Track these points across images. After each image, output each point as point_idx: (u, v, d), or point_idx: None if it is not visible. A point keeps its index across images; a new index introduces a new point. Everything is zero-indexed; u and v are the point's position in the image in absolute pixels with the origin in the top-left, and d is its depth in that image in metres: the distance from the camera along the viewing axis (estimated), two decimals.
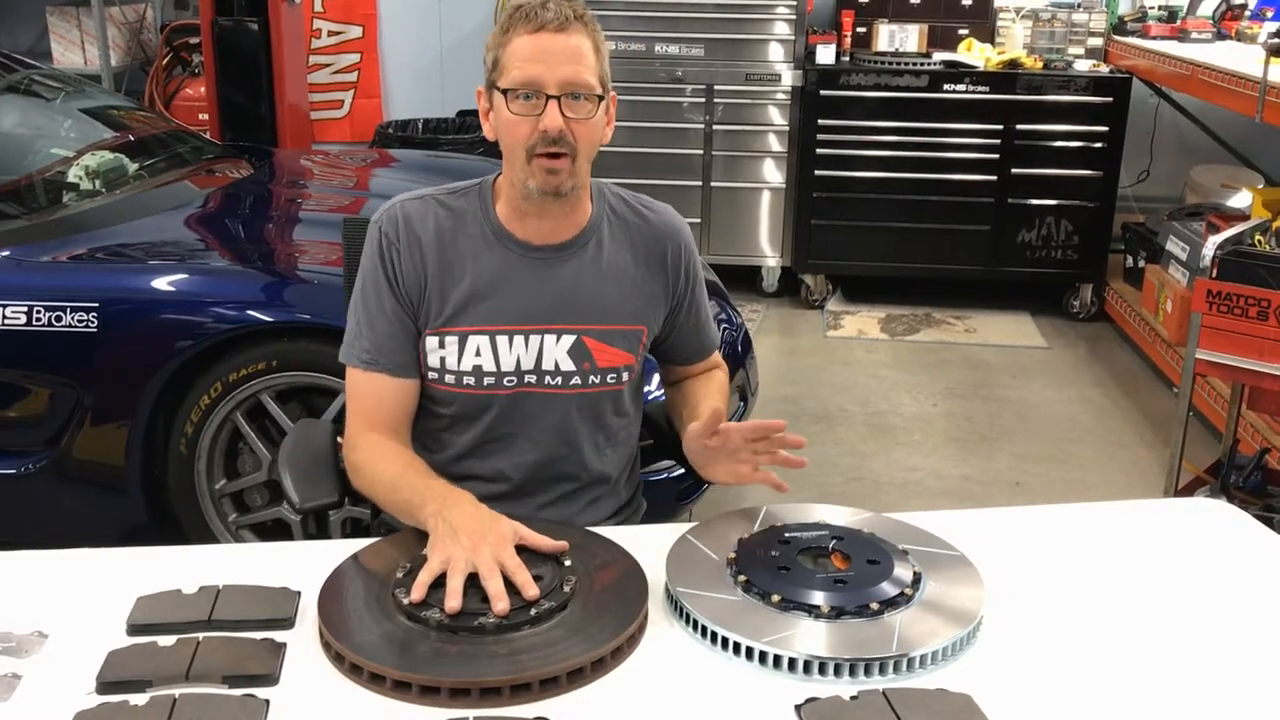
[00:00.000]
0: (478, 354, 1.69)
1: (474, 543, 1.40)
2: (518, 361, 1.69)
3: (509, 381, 1.70)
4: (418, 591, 1.35)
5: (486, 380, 1.70)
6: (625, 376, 1.76)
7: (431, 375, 1.72)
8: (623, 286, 1.74)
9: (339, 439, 1.81)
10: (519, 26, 1.60)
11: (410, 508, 1.55)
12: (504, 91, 1.60)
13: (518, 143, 1.61)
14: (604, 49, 1.65)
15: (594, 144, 1.65)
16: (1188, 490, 3.06)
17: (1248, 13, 5.02)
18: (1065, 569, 1.54)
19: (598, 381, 1.73)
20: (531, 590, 1.35)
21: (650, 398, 1.98)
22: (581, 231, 1.72)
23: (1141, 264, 4.77)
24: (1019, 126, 4.93)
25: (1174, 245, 4.32)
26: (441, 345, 1.69)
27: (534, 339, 1.69)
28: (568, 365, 1.71)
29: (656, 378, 1.98)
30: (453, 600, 1.33)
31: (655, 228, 1.78)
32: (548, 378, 1.71)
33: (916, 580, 1.41)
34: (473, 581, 1.37)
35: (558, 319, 1.70)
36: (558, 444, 1.75)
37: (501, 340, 1.69)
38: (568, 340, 1.70)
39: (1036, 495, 3.55)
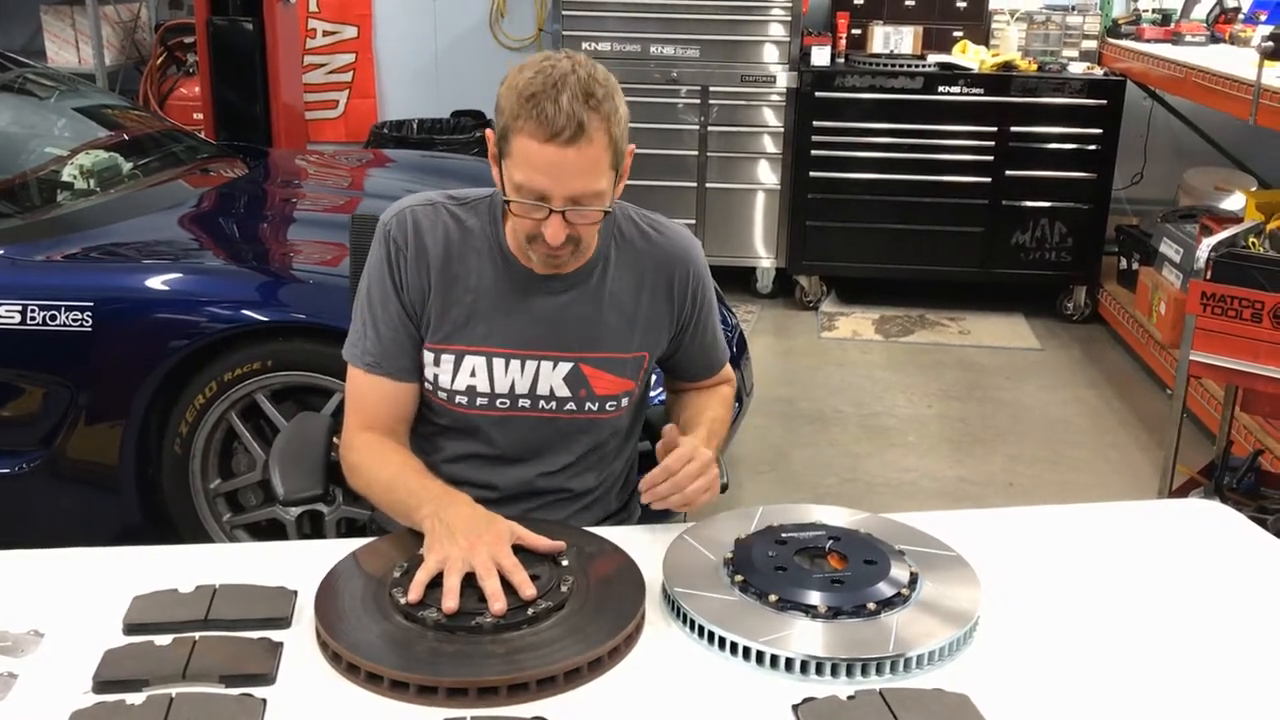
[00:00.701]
0: (472, 374, 1.68)
1: (470, 542, 1.40)
2: (512, 385, 1.69)
3: (502, 404, 1.70)
4: (415, 591, 1.34)
5: (479, 401, 1.69)
6: (624, 402, 1.75)
7: (426, 386, 1.72)
8: (625, 314, 1.72)
9: (335, 438, 1.81)
10: (530, 125, 1.49)
11: (406, 509, 1.55)
12: (508, 186, 1.55)
13: (519, 229, 1.60)
14: (618, 126, 1.54)
15: (598, 228, 1.63)
16: (1181, 492, 3.06)
17: (1241, 16, 5.04)
18: (1062, 570, 1.55)
19: (595, 409, 1.72)
20: (528, 590, 1.35)
21: (653, 402, 1.98)
22: (587, 261, 1.70)
23: (1135, 266, 4.78)
24: (1013, 129, 4.94)
25: (1168, 247, 4.33)
26: (436, 363, 1.69)
27: (530, 364, 1.68)
28: (563, 392, 1.70)
29: (653, 379, 1.97)
30: (450, 600, 1.32)
31: (663, 251, 1.75)
32: (542, 403, 1.70)
33: (913, 581, 1.41)
34: (470, 581, 1.37)
35: (555, 346, 1.68)
36: (548, 464, 1.74)
37: (498, 363, 1.68)
38: (564, 368, 1.69)
39: (1030, 496, 3.55)
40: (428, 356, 1.69)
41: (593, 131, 1.50)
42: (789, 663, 1.28)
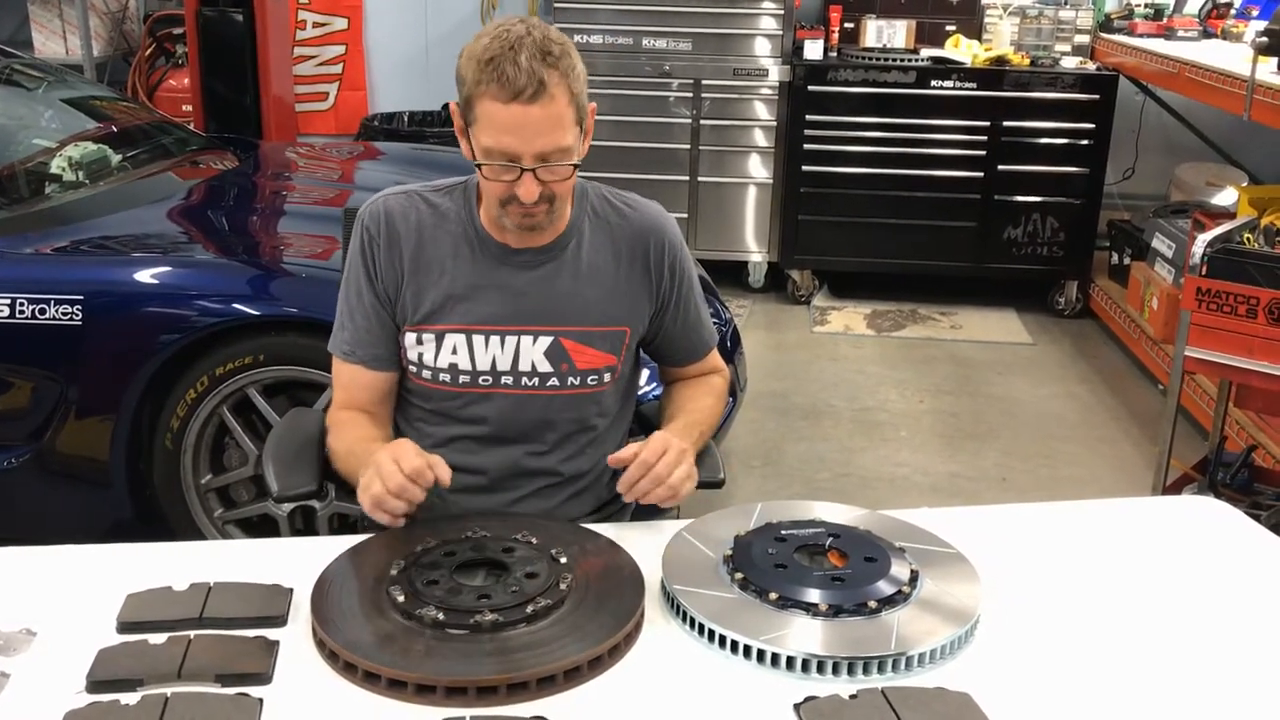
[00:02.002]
0: (454, 352, 1.69)
1: (374, 465, 1.49)
2: (493, 361, 1.70)
3: (485, 380, 1.70)
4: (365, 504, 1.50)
5: (462, 378, 1.70)
6: (607, 378, 1.75)
7: (411, 369, 1.74)
8: (602, 287, 1.73)
9: None
10: (492, 88, 1.52)
11: (355, 475, 1.60)
12: (477, 151, 1.58)
13: (490, 193, 1.62)
14: (578, 82, 1.57)
15: (572, 186, 1.65)
16: (1175, 487, 3.06)
17: (1233, 11, 5.04)
18: (1062, 566, 1.54)
19: (577, 383, 1.72)
20: (445, 474, 1.50)
21: (648, 397, 1.97)
22: (561, 234, 1.72)
23: (1127, 261, 4.78)
24: (1005, 123, 4.93)
25: (1160, 243, 4.33)
26: (419, 342, 1.71)
27: (510, 340, 1.69)
28: (545, 366, 1.70)
29: (646, 373, 1.97)
30: (383, 518, 1.50)
31: (635, 226, 1.76)
32: (524, 379, 1.71)
33: (914, 578, 1.41)
34: (469, 578, 1.37)
35: (534, 320, 1.69)
36: (534, 443, 1.74)
37: (478, 340, 1.69)
38: (545, 341, 1.70)
39: (1023, 492, 3.55)
40: (409, 339, 1.71)
41: (553, 88, 1.53)
42: (790, 661, 1.28)
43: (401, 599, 1.33)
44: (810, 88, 4.97)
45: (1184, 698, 1.27)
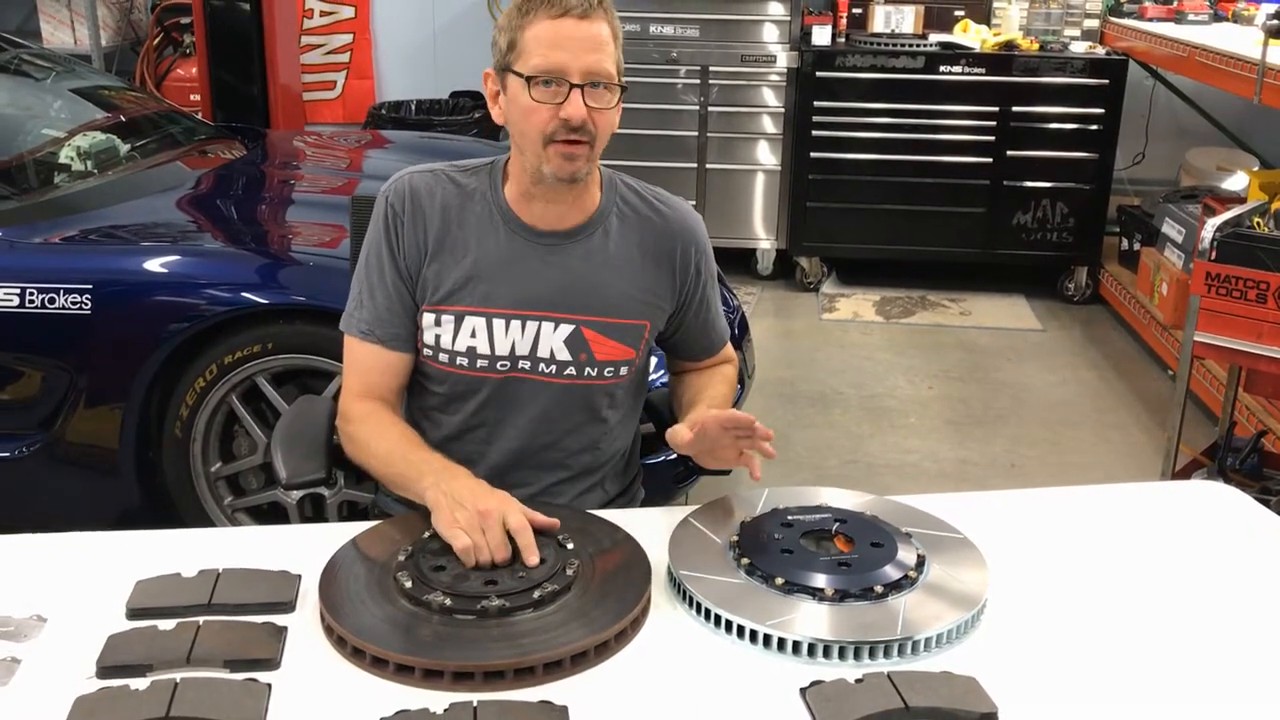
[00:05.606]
0: (473, 335, 1.68)
1: (474, 502, 1.41)
2: (512, 346, 1.68)
3: (502, 365, 1.69)
4: (466, 556, 1.37)
5: (479, 362, 1.69)
6: (624, 371, 1.74)
7: (426, 352, 1.71)
8: (626, 280, 1.72)
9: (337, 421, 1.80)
10: (540, 10, 1.56)
11: (405, 480, 1.56)
12: (524, 77, 1.57)
13: (535, 128, 1.59)
14: (621, 36, 1.63)
15: (610, 132, 1.64)
16: (1184, 473, 3.06)
17: None
18: (1069, 552, 1.54)
19: (594, 374, 1.71)
20: (533, 557, 1.36)
21: (655, 384, 1.97)
22: (589, 219, 1.70)
23: (1137, 247, 4.77)
24: (1015, 108, 4.91)
25: (1170, 228, 4.32)
26: (438, 323, 1.69)
27: (530, 325, 1.68)
28: (563, 355, 1.69)
29: (655, 360, 1.96)
30: (481, 554, 1.36)
31: (669, 225, 1.75)
32: (542, 365, 1.69)
33: (920, 563, 1.40)
34: (475, 563, 1.37)
35: (557, 307, 1.68)
36: (545, 433, 1.73)
37: (498, 323, 1.67)
38: (565, 330, 1.68)
39: (1032, 478, 3.55)
40: (428, 318, 1.69)
41: (601, 15, 1.58)
42: (796, 646, 1.28)
43: (409, 585, 1.33)
44: (818, 74, 4.95)
45: (1193, 682, 1.27)
